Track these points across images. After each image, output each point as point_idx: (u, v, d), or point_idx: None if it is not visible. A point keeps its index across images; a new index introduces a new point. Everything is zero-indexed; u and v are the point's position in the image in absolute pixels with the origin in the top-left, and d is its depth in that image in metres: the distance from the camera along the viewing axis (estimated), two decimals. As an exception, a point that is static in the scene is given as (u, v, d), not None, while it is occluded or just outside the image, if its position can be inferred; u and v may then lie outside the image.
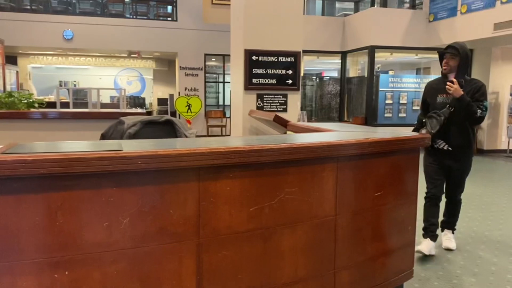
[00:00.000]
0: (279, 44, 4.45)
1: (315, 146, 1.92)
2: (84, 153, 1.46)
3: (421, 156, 2.60)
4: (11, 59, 12.00)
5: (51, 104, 6.56)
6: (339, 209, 2.07)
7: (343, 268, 2.14)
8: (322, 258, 2.05)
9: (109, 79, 15.79)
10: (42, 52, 13.59)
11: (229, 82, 13.58)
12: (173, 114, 12.49)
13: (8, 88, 9.20)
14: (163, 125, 2.91)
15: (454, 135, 3.31)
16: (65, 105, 6.24)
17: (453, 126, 3.28)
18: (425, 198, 3.45)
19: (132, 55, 14.10)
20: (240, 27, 4.47)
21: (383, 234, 2.35)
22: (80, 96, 12.00)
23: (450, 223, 3.61)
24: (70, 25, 11.21)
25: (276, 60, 4.46)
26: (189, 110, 12.01)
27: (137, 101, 14.74)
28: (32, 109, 4.45)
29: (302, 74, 4.53)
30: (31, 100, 4.40)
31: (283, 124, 3.41)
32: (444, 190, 3.49)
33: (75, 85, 14.77)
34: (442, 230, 3.64)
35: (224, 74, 13.23)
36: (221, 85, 13.64)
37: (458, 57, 3.28)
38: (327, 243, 2.06)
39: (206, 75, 12.59)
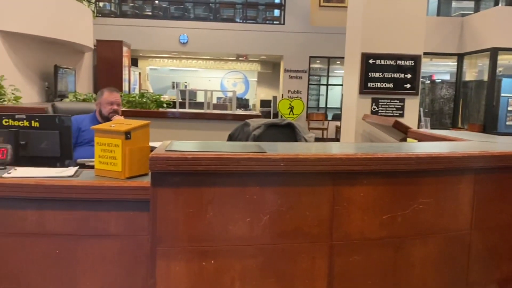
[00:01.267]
0: (398, 47, 4.32)
1: (454, 157, 1.84)
2: (234, 154, 1.59)
3: None
4: (133, 62, 13.24)
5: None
6: (475, 224, 1.96)
7: (475, 285, 2.02)
8: (453, 273, 1.96)
9: (217, 81, 16.64)
10: (159, 55, 14.80)
11: (333, 85, 13.48)
12: (276, 115, 12.76)
13: (132, 88, 10.19)
14: (284, 128, 3.01)
15: None
16: (179, 105, 6.64)
17: None
18: None
19: (239, 58, 14.68)
20: (358, 31, 4.43)
21: (521, 254, 2.17)
22: (189, 96, 12.82)
23: None
24: (185, 30, 12.04)
25: (394, 63, 4.33)
26: (291, 112, 12.17)
27: (241, 102, 15.32)
28: (160, 109, 4.89)
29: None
30: (160, 100, 4.84)
31: (403, 131, 3.31)
32: None
33: (186, 86, 15.81)
34: None
35: (328, 77, 13.16)
36: (323, 87, 13.59)
37: None
38: (459, 257, 1.97)
39: (310, 77, 12.63)
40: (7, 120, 2.14)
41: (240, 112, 6.45)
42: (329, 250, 1.73)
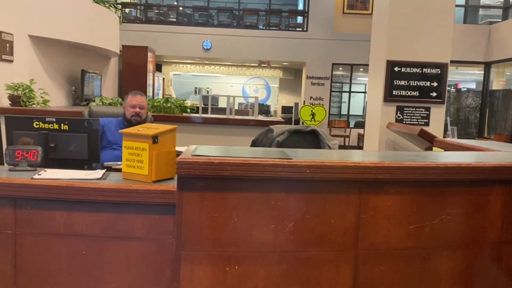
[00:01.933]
0: (424, 55, 4.26)
1: (484, 167, 1.80)
2: (260, 159, 1.59)
3: None
4: (157, 67, 13.42)
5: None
6: (506, 236, 1.91)
7: (505, 301, 1.96)
8: (482, 287, 1.91)
9: (238, 87, 16.72)
10: (183, 61, 14.96)
11: (355, 92, 13.37)
12: (297, 122, 12.72)
13: (155, 93, 10.33)
14: (308, 134, 3.00)
15: None
16: (202, 110, 6.65)
17: None
18: None
19: (262, 65, 14.73)
20: (383, 38, 4.39)
21: (553, 269, 2.09)
22: (212, 102, 12.91)
23: None
24: (209, 36, 12.14)
25: (420, 71, 4.27)
26: (312, 119, 12.10)
27: (262, 108, 15.32)
28: (184, 114, 4.94)
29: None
30: (183, 106, 4.89)
31: (429, 140, 3.26)
32: None
33: (208, 92, 15.92)
34: None
35: (351, 84, 13.07)
36: (345, 94, 13.50)
37: None
38: (489, 271, 1.91)
39: (332, 84, 12.57)
40: (37, 122, 2.19)
41: (263, 118, 6.45)
42: (354, 259, 1.71)
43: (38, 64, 6.06)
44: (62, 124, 2.19)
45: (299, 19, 13.14)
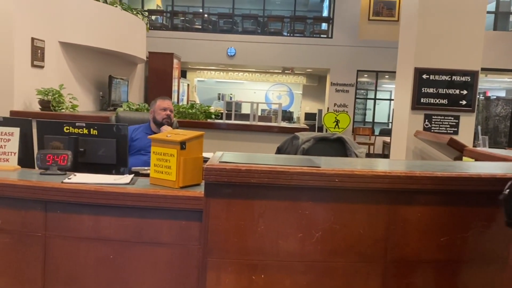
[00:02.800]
0: (454, 63, 4.17)
1: (520, 178, 1.73)
2: (287, 167, 1.57)
3: None
4: (182, 73, 13.56)
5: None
6: (543, 251, 1.83)
7: (541, 319, 1.88)
8: (517, 304, 1.83)
9: (261, 93, 16.76)
10: (207, 67, 15.10)
11: (380, 99, 13.21)
12: (320, 129, 12.63)
13: (180, 99, 10.45)
14: (334, 142, 2.97)
15: None
16: (225, 116, 6.64)
17: None
18: None
19: (285, 71, 14.72)
20: (411, 45, 4.32)
21: None
22: (235, 108, 12.96)
23: None
24: (233, 43, 12.23)
25: (449, 79, 4.18)
26: (336, 126, 11.99)
27: (284, 115, 15.29)
28: (209, 120, 4.97)
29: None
30: (208, 112, 4.93)
31: (458, 149, 3.17)
32: None
33: (231, 98, 16.00)
34: None
35: (376, 91, 12.91)
36: (370, 101, 13.35)
37: None
38: (525, 287, 1.83)
39: (357, 91, 12.45)
40: (68, 127, 2.23)
41: (287, 124, 6.42)
42: (383, 271, 1.67)
43: (67, 69, 6.21)
44: (91, 129, 2.23)
45: (324, 25, 13.09)
